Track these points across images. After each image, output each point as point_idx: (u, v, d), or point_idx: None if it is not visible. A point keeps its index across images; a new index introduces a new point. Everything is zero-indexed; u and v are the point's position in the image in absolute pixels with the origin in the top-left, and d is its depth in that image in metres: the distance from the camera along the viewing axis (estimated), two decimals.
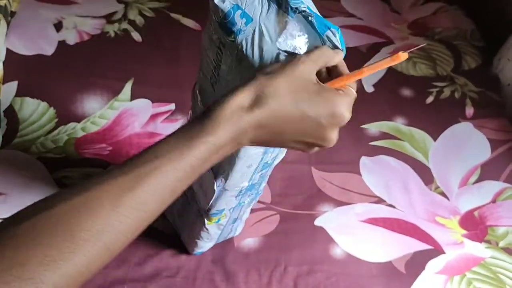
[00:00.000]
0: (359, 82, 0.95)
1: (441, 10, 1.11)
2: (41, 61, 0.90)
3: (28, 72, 0.88)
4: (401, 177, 0.83)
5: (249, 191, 0.61)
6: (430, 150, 0.87)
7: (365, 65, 0.46)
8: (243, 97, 0.39)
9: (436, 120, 0.91)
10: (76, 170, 0.77)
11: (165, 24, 0.99)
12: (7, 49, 0.90)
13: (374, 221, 0.77)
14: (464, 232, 0.77)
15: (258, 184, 0.61)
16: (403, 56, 0.43)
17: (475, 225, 0.78)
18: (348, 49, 1.10)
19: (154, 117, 0.85)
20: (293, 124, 0.41)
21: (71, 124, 0.82)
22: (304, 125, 0.41)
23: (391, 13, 1.09)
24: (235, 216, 0.66)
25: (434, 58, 1.01)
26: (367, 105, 0.92)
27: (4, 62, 0.87)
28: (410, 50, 0.44)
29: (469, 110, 0.93)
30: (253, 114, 0.39)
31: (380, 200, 0.80)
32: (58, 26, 0.95)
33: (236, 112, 0.39)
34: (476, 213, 0.80)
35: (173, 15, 1.01)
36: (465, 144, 0.89)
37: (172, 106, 0.86)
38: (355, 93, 0.45)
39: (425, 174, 0.84)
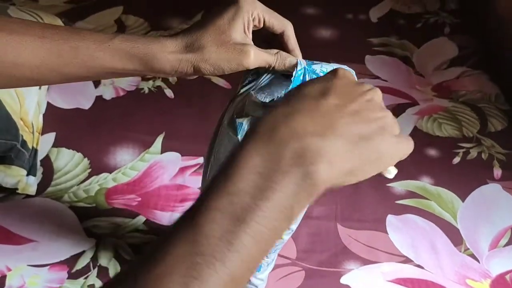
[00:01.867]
0: None
1: (464, 74, 1.13)
2: (78, 114, 0.95)
3: (65, 125, 0.92)
4: (428, 237, 0.81)
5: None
6: (458, 211, 0.86)
7: None
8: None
9: (463, 180, 0.90)
10: (105, 220, 0.79)
11: (196, 82, 1.04)
12: (48, 103, 0.95)
13: (402, 282, 0.75)
14: None
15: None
16: None
17: None
18: None
19: (183, 170, 0.87)
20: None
21: (103, 175, 0.85)
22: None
23: (415, 76, 1.12)
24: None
25: (459, 119, 1.02)
26: None
27: (44, 115, 0.92)
28: None
29: (497, 172, 0.93)
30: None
31: (407, 260, 0.78)
32: (96, 83, 1.01)
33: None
34: (507, 277, 0.77)
35: None
36: (494, 205, 0.88)
37: (200, 160, 0.88)
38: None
39: (453, 235, 0.82)
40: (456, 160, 0.95)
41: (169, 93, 1.01)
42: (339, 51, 1.13)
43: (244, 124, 0.49)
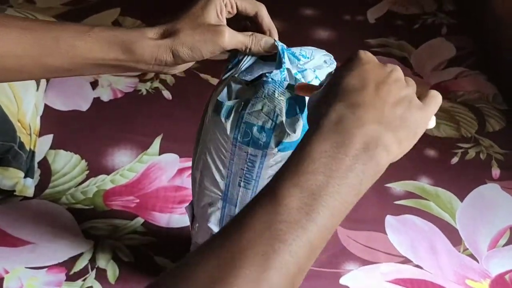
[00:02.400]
0: None
1: (462, 75, 1.13)
2: (76, 116, 0.95)
3: (63, 126, 0.92)
4: (427, 237, 0.81)
5: None
6: (457, 211, 0.86)
7: None
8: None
9: (462, 181, 0.90)
10: (103, 221, 0.79)
11: (194, 84, 1.04)
12: (45, 105, 0.95)
13: (401, 282, 0.75)
14: None
15: None
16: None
17: None
18: None
19: (181, 171, 0.87)
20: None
21: (101, 176, 0.84)
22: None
23: (413, 77, 1.12)
24: None
25: (457, 120, 1.02)
26: (391, 164, 0.92)
27: (41, 117, 0.92)
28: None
29: (495, 172, 0.93)
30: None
31: (406, 260, 0.78)
32: (94, 84, 1.01)
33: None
34: (507, 277, 0.77)
35: (202, 75, 1.06)
36: (493, 205, 0.88)
37: None
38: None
39: (452, 235, 0.82)
40: (455, 160, 0.95)
41: (167, 94, 1.01)
42: (337, 52, 1.12)
43: (228, 104, 0.49)
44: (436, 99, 0.45)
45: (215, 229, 0.60)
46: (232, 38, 0.49)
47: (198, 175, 0.58)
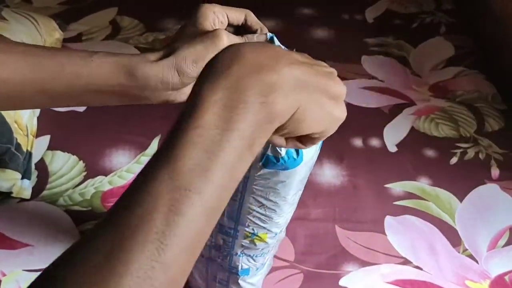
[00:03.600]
0: (382, 142, 0.96)
1: (461, 74, 1.13)
2: (73, 117, 0.94)
3: (60, 127, 0.91)
4: (427, 238, 0.81)
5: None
6: (456, 211, 0.85)
7: None
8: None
9: (461, 181, 0.90)
10: None
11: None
12: None
13: (401, 283, 0.75)
14: None
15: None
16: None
17: None
18: (370, 110, 1.12)
19: None
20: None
21: (99, 178, 0.84)
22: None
23: (411, 76, 1.12)
24: None
25: (456, 119, 1.02)
26: (390, 165, 0.92)
27: (38, 118, 0.91)
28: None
29: (495, 172, 0.93)
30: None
31: (406, 261, 0.78)
32: None
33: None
34: (507, 278, 0.77)
35: None
36: (492, 206, 0.87)
37: None
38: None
39: (452, 236, 0.82)
40: (454, 160, 0.94)
41: None
42: (336, 51, 1.13)
43: None
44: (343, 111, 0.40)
45: None
46: (230, 39, 0.48)
47: None
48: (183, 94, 0.49)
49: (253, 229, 0.57)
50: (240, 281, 0.62)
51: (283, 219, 0.57)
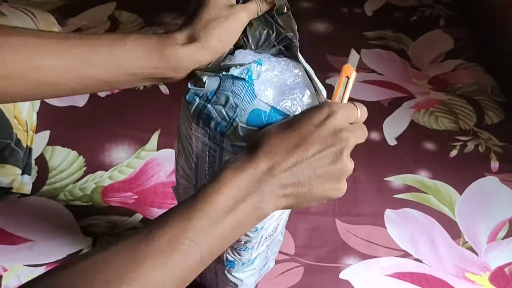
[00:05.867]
0: (381, 136, 0.96)
1: (460, 67, 1.13)
2: (73, 112, 0.94)
3: (60, 122, 0.91)
4: (427, 231, 0.81)
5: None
6: (456, 204, 0.86)
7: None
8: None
9: (461, 174, 0.90)
10: (102, 218, 0.78)
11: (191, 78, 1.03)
12: (42, 101, 0.94)
13: (401, 276, 0.75)
14: None
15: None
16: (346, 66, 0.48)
17: (506, 282, 0.76)
18: (370, 103, 1.12)
19: None
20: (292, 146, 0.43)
21: (99, 173, 0.84)
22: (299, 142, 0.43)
23: (411, 69, 1.12)
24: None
25: (456, 112, 1.02)
26: (390, 158, 0.92)
27: (38, 113, 0.91)
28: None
29: (494, 164, 0.93)
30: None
31: (406, 254, 0.78)
32: None
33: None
34: (506, 270, 0.77)
35: None
36: (492, 198, 0.88)
37: None
38: (357, 110, 0.48)
39: (452, 229, 0.82)
40: (453, 153, 0.94)
41: (164, 89, 1.01)
42: (334, 45, 1.13)
43: (193, 91, 0.49)
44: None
45: None
46: (247, 13, 0.50)
47: (177, 162, 0.58)
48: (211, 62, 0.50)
49: None
50: (226, 272, 0.62)
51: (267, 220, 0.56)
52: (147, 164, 0.86)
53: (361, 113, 0.47)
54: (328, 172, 0.44)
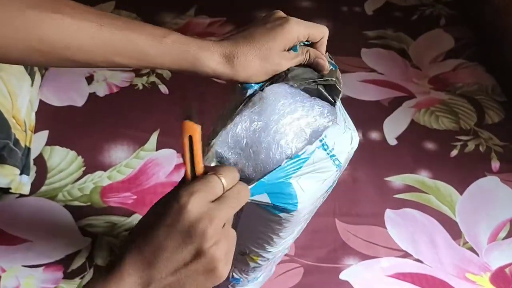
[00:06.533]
0: (382, 135, 0.96)
1: (461, 66, 1.13)
2: (71, 111, 0.93)
3: (59, 122, 0.91)
4: (427, 231, 0.81)
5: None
6: (456, 204, 0.85)
7: None
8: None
9: (461, 173, 0.90)
10: (101, 218, 0.78)
11: (191, 78, 1.02)
12: (40, 100, 0.93)
13: (401, 276, 0.75)
14: None
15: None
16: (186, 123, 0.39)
17: (507, 283, 0.75)
18: (370, 103, 1.11)
19: (178, 167, 0.86)
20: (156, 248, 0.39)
21: (98, 173, 0.84)
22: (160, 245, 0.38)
23: (411, 69, 1.11)
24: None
25: (456, 112, 1.02)
26: (390, 158, 0.92)
27: (36, 113, 0.90)
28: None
29: (495, 164, 0.92)
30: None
31: (406, 255, 0.78)
32: (89, 79, 0.99)
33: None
34: (507, 270, 0.77)
35: None
36: (493, 198, 0.87)
37: None
38: (219, 181, 0.40)
39: (452, 229, 0.82)
40: (454, 153, 0.94)
41: (163, 89, 1.00)
42: (335, 44, 1.11)
43: None
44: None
45: None
46: (288, 64, 0.50)
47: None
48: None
49: (245, 248, 0.55)
50: (230, 286, 0.62)
51: (276, 249, 0.55)
52: (146, 164, 0.86)
53: (229, 178, 0.40)
54: (194, 272, 0.38)
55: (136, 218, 0.78)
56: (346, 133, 0.49)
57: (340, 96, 0.51)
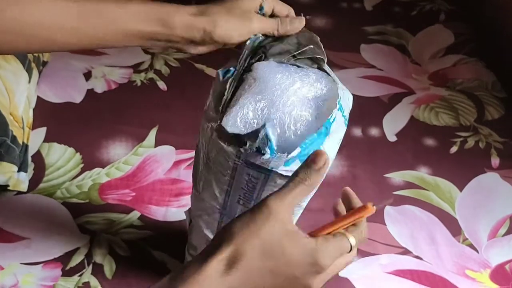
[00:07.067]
0: (381, 132, 0.95)
1: (461, 62, 1.12)
2: (69, 108, 0.93)
3: (56, 119, 0.90)
4: (427, 228, 0.81)
5: None
6: (456, 201, 0.85)
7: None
8: (219, 262, 0.38)
9: (461, 170, 0.90)
10: (99, 216, 0.77)
11: (189, 74, 1.02)
12: (38, 97, 0.93)
13: (401, 273, 0.74)
14: (496, 286, 0.74)
15: None
16: (371, 208, 0.43)
17: (506, 279, 0.75)
18: (369, 99, 1.11)
19: (177, 163, 0.85)
20: (267, 279, 0.39)
21: (96, 170, 0.83)
22: (278, 279, 0.39)
23: (411, 65, 1.11)
24: None
25: (456, 108, 1.01)
26: (390, 154, 0.92)
27: (34, 109, 0.90)
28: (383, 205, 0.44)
29: (495, 161, 0.92)
30: (228, 279, 0.38)
31: (406, 251, 0.77)
32: (87, 75, 0.99)
33: (213, 277, 0.38)
34: (507, 267, 0.77)
35: (197, 65, 1.04)
36: (492, 195, 0.87)
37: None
38: (349, 241, 0.42)
39: (452, 225, 0.81)
40: (454, 149, 0.94)
41: (162, 85, 1.00)
42: (334, 40, 1.12)
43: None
44: None
45: (210, 236, 0.59)
46: (262, 26, 0.51)
47: (198, 186, 0.56)
48: (196, 49, 0.52)
49: None
50: None
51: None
52: (144, 161, 0.85)
53: (355, 242, 0.43)
54: None
55: (135, 215, 0.78)
56: (345, 91, 0.52)
57: (326, 60, 0.53)
